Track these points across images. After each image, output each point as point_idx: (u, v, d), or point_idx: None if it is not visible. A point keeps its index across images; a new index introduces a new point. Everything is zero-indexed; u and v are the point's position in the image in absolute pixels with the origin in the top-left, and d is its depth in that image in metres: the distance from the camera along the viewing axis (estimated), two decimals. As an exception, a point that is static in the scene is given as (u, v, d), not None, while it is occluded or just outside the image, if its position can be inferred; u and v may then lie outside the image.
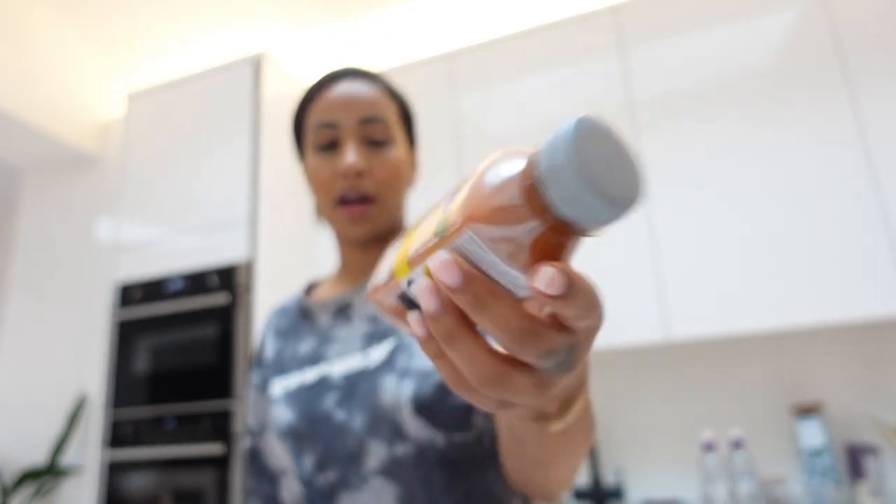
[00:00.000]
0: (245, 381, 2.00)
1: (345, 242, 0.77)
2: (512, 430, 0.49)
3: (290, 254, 2.31)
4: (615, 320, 1.95)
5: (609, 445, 2.15)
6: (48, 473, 2.47)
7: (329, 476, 0.68)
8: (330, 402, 0.70)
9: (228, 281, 2.11)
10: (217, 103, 2.38)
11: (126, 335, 2.23)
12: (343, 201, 0.71)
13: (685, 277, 1.91)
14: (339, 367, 0.72)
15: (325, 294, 0.82)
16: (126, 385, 2.18)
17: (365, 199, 0.71)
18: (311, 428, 0.69)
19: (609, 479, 2.11)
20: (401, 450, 0.65)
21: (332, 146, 0.73)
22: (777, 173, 1.87)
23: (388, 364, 0.69)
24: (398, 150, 0.75)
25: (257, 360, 0.85)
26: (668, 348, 2.15)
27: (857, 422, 1.91)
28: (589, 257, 2.02)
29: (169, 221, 2.32)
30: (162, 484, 2.02)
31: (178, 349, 2.14)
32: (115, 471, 2.10)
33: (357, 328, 0.74)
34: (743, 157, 1.92)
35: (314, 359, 0.74)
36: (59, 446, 2.50)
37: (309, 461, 0.69)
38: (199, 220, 2.26)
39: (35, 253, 2.90)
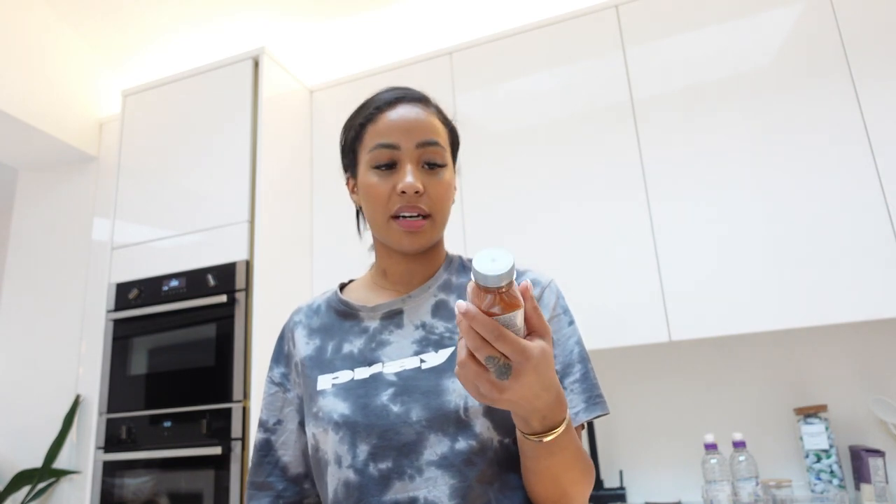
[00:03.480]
0: (246, 380, 1.98)
1: (389, 253, 0.86)
2: (520, 444, 0.68)
3: (288, 253, 2.29)
4: (618, 320, 1.94)
5: (611, 447, 2.14)
6: (44, 475, 2.45)
7: (383, 465, 0.72)
8: (385, 396, 0.75)
9: (227, 281, 2.09)
10: (215, 100, 2.35)
11: (122, 335, 2.21)
12: (399, 216, 0.78)
13: (688, 277, 1.89)
14: (392, 367, 0.77)
15: (363, 298, 0.87)
16: (122, 386, 2.15)
17: (422, 215, 0.79)
18: (366, 419, 0.74)
19: (611, 480, 2.10)
20: (463, 445, 0.71)
21: (390, 166, 0.80)
22: (780, 171, 1.86)
23: (449, 368, 0.75)
24: (448, 172, 0.82)
25: (278, 358, 0.90)
26: (671, 349, 2.14)
27: (861, 424, 1.90)
28: (592, 257, 2.00)
29: (166, 220, 2.29)
30: (159, 486, 2.00)
31: (175, 350, 2.12)
32: (111, 472, 2.07)
33: (409, 334, 0.80)
34: (745, 154, 1.91)
35: (366, 359, 0.80)
36: (55, 448, 2.48)
37: (363, 451, 0.73)
38: (197, 220, 2.23)
39: (30, 252, 2.87)
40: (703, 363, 2.10)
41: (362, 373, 0.78)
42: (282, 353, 0.90)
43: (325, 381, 0.80)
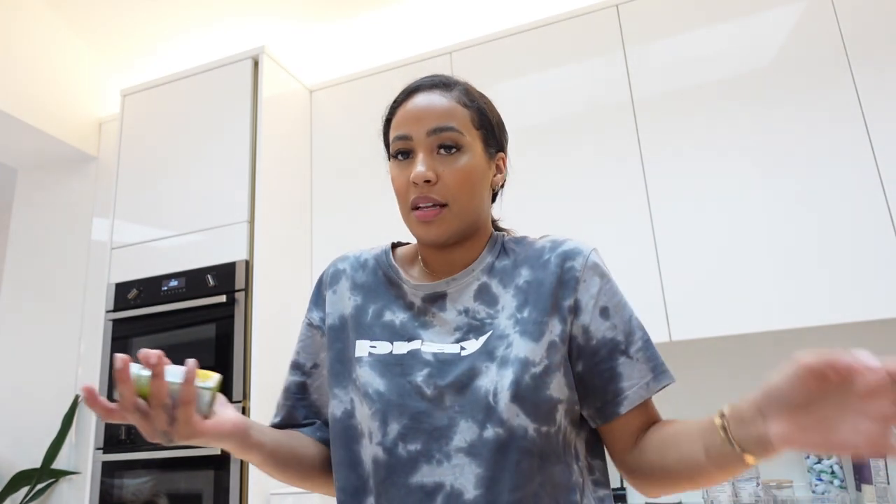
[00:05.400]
0: (246, 380, 1.97)
1: (425, 245, 0.83)
2: (722, 455, 0.64)
3: (288, 253, 2.29)
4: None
5: (611, 447, 2.13)
6: (43, 475, 2.44)
7: (411, 447, 0.71)
8: (420, 376, 0.74)
9: (226, 281, 2.09)
10: (214, 100, 2.35)
11: (122, 336, 2.20)
12: (416, 207, 0.77)
13: (688, 277, 1.89)
14: (430, 346, 0.76)
15: (408, 271, 0.85)
16: (122, 386, 2.15)
17: (437, 204, 0.76)
18: (400, 398, 0.73)
19: (611, 481, 2.09)
20: (491, 433, 0.69)
21: (406, 155, 0.79)
22: (781, 171, 1.86)
23: (485, 352, 0.74)
24: (470, 156, 0.79)
25: (317, 301, 0.89)
26: (671, 349, 2.13)
27: (862, 424, 1.89)
28: (591, 258, 2.00)
29: (165, 220, 2.29)
30: (158, 486, 2.00)
31: (174, 350, 2.11)
32: (110, 473, 2.07)
33: (452, 319, 0.78)
34: (746, 154, 1.90)
35: (407, 334, 0.78)
36: (54, 448, 2.47)
37: (394, 430, 0.72)
38: (197, 220, 2.23)
39: (29, 252, 2.86)
40: (703, 363, 2.10)
41: (401, 347, 0.77)
42: (320, 297, 0.89)
43: (362, 348, 0.79)
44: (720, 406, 0.70)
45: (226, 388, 1.98)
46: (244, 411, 1.95)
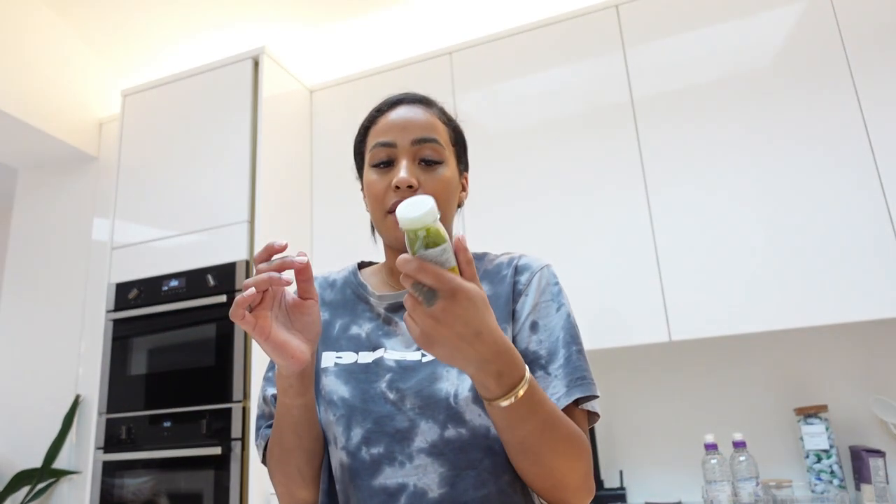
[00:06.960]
0: (246, 380, 1.98)
1: (394, 253, 0.86)
2: (491, 418, 0.66)
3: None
4: (618, 320, 1.94)
5: (611, 447, 2.13)
6: (43, 475, 2.45)
7: (374, 450, 0.73)
8: (383, 383, 0.76)
9: (226, 281, 2.09)
10: (215, 101, 2.35)
11: (122, 335, 2.21)
12: (393, 211, 0.78)
13: (688, 277, 1.89)
14: (393, 354, 0.79)
15: (375, 284, 0.88)
16: (122, 386, 2.15)
17: None
18: (364, 404, 0.75)
19: (611, 480, 2.10)
20: (453, 433, 0.72)
21: (387, 164, 0.81)
22: (781, 172, 1.86)
23: None
24: (448, 169, 0.83)
25: None
26: (671, 349, 2.14)
27: (861, 424, 1.90)
28: (592, 257, 2.00)
29: (165, 220, 2.29)
30: (158, 486, 2.00)
31: (175, 350, 2.11)
32: (111, 473, 2.07)
33: None
34: (746, 155, 1.90)
35: (371, 344, 0.81)
36: (55, 448, 2.48)
37: (357, 434, 0.74)
38: (197, 220, 2.23)
39: (30, 252, 2.86)
40: (703, 363, 2.10)
41: (366, 357, 0.79)
42: None
43: (328, 359, 0.81)
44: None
45: (225, 388, 1.99)
46: (244, 412, 1.95)
